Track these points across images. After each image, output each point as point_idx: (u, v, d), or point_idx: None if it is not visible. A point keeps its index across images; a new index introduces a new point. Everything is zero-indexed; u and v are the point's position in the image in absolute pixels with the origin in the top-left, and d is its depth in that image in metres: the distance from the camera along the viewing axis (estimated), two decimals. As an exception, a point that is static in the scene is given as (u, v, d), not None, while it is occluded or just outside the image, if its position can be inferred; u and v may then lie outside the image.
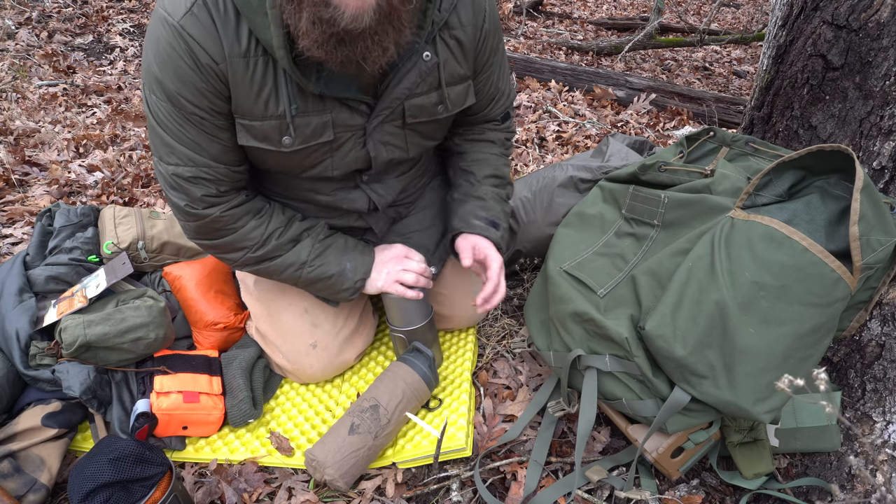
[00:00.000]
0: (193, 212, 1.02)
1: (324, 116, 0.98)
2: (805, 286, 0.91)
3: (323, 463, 1.06)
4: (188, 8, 0.85)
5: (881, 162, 1.15)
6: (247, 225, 1.07)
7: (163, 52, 0.88)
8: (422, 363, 1.24)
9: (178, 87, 0.90)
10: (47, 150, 2.25)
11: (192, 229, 1.06)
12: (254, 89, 0.92)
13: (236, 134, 0.98)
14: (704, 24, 4.47)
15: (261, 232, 1.09)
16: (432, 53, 0.99)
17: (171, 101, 0.91)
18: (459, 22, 1.01)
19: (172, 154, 0.97)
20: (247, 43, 0.88)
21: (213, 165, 0.99)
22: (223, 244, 1.08)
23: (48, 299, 1.29)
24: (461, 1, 1.00)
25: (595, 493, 1.11)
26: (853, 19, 1.20)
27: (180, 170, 0.98)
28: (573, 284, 1.14)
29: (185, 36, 0.86)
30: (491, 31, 1.07)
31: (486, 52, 1.09)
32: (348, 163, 1.08)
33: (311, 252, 1.14)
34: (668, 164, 1.21)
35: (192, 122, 0.93)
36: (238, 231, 1.07)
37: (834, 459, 1.07)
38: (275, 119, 0.96)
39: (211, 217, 1.03)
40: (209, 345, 1.34)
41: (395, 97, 1.00)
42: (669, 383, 0.99)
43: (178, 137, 0.95)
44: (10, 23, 3.45)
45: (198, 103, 0.92)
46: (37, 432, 1.09)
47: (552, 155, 2.54)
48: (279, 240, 1.11)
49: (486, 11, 1.04)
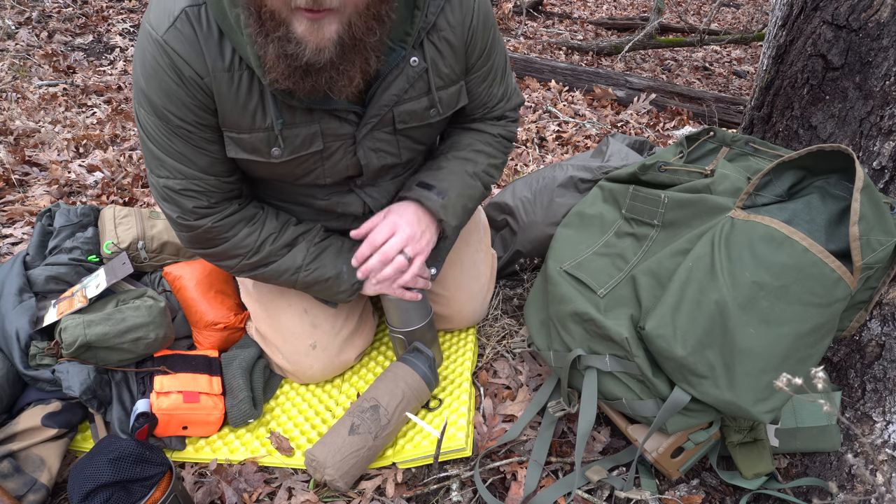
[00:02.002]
0: (185, 223, 1.02)
1: (312, 127, 0.98)
2: (805, 286, 0.91)
3: (323, 463, 1.06)
4: (171, 23, 0.85)
5: (881, 162, 1.15)
6: (240, 233, 1.07)
7: (148, 67, 0.88)
8: (422, 363, 1.24)
9: (164, 102, 0.90)
10: (47, 150, 2.25)
11: (186, 239, 1.06)
12: (240, 102, 0.92)
13: (225, 146, 0.98)
14: (704, 24, 4.47)
15: (254, 239, 1.08)
16: (420, 59, 0.99)
17: (157, 116, 0.92)
18: (448, 23, 1.00)
19: (163, 167, 0.97)
20: (230, 58, 0.88)
21: (202, 177, 0.98)
22: (218, 252, 1.08)
23: (48, 299, 1.29)
24: (450, 3, 0.99)
25: (595, 493, 1.11)
26: (853, 19, 1.20)
27: (171, 182, 0.98)
28: (573, 284, 1.14)
29: (168, 51, 0.86)
30: (480, 30, 1.05)
31: (476, 51, 1.07)
32: (339, 171, 1.07)
33: (306, 256, 1.13)
34: (668, 164, 1.21)
35: (179, 135, 0.94)
36: (231, 240, 1.07)
37: (834, 459, 1.07)
38: (262, 131, 0.96)
39: (203, 227, 1.03)
40: (209, 345, 1.34)
41: (383, 104, 1.00)
42: (669, 383, 0.99)
43: (166, 151, 0.95)
44: (10, 23, 3.45)
45: (184, 117, 0.92)
46: (37, 432, 1.09)
47: (552, 155, 2.54)
48: (273, 245, 1.10)
49: (475, 11, 1.03)
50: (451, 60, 1.03)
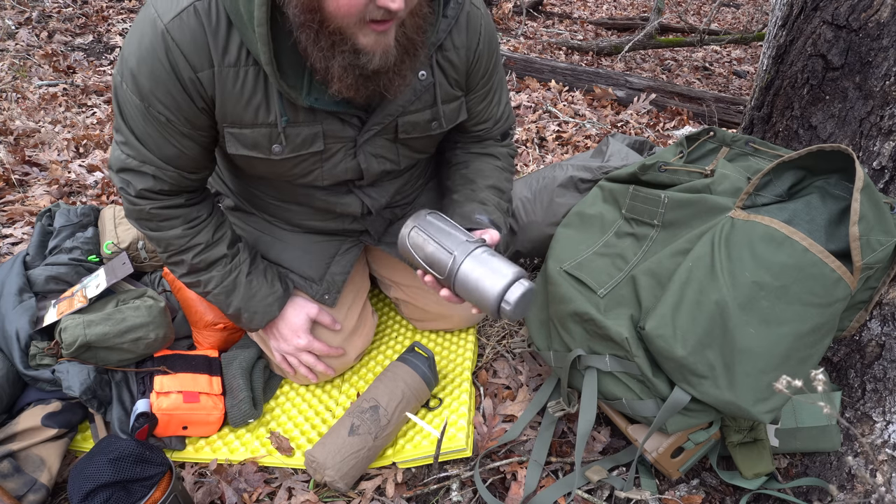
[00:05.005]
0: (128, 197, 1.01)
1: (314, 127, 0.98)
2: (805, 286, 0.91)
3: (323, 464, 1.06)
4: (178, 12, 0.85)
5: (881, 162, 1.15)
6: (173, 230, 1.06)
7: (144, 50, 0.87)
8: (422, 363, 1.24)
9: (151, 87, 0.89)
10: (47, 150, 2.25)
11: (125, 209, 1.06)
12: (244, 98, 0.92)
13: (224, 143, 0.98)
14: (704, 24, 4.47)
15: (183, 243, 1.07)
16: (428, 73, 1.01)
17: (140, 98, 0.91)
18: (453, 44, 1.02)
19: (127, 145, 0.96)
20: (236, 53, 0.88)
21: (163, 167, 0.98)
22: (150, 236, 1.07)
23: (48, 299, 1.29)
24: (457, 25, 1.01)
25: (595, 493, 1.11)
26: (853, 19, 1.20)
27: (130, 161, 0.97)
28: (573, 284, 1.14)
29: (167, 40, 0.85)
30: (485, 53, 1.07)
31: (479, 73, 1.09)
32: (338, 173, 1.07)
33: (218, 284, 1.12)
34: (668, 164, 1.21)
35: (156, 121, 0.93)
36: (163, 231, 1.05)
37: (834, 459, 1.07)
38: (265, 127, 0.96)
39: (141, 208, 1.02)
40: (209, 345, 1.34)
41: (388, 114, 1.01)
42: (669, 383, 0.99)
43: (137, 132, 0.94)
44: (10, 23, 3.45)
45: (167, 104, 0.91)
46: (37, 432, 1.08)
47: (552, 155, 2.53)
48: (197, 258, 1.09)
49: (481, 35, 1.05)
50: (453, 80, 1.06)
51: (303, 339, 1.23)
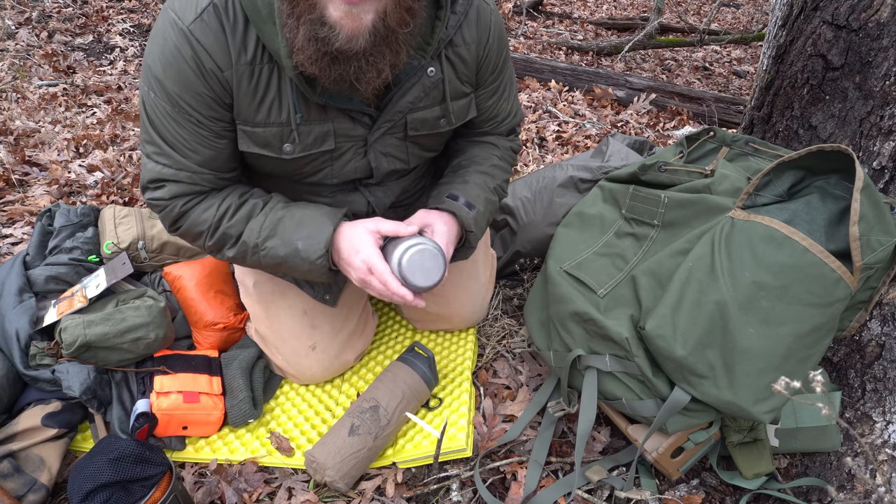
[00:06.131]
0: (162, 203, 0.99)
1: (325, 126, 0.98)
2: (805, 286, 0.91)
3: (323, 465, 1.06)
4: (198, 13, 0.86)
5: (881, 162, 1.15)
6: (196, 207, 1.01)
7: (168, 55, 0.88)
8: (422, 363, 1.24)
9: (179, 91, 0.90)
10: (47, 150, 2.25)
11: (166, 228, 1.04)
12: (258, 96, 0.92)
13: (237, 140, 0.98)
14: (704, 24, 4.47)
15: (211, 213, 1.01)
16: (437, 69, 1.00)
17: (170, 103, 0.91)
18: (463, 40, 1.01)
19: (161, 154, 0.96)
20: (253, 50, 0.89)
21: (198, 171, 0.97)
22: (183, 232, 1.04)
23: (48, 299, 1.29)
24: (466, 20, 1.00)
25: (595, 493, 1.11)
26: (853, 19, 1.20)
27: (165, 171, 0.96)
28: (573, 284, 1.14)
29: (192, 42, 0.86)
30: (495, 48, 1.07)
31: (489, 68, 1.08)
32: (348, 172, 1.07)
33: (260, 232, 1.01)
34: (668, 164, 1.21)
35: (188, 125, 0.93)
36: (190, 215, 1.01)
37: (834, 459, 1.07)
38: (276, 126, 0.96)
39: (170, 207, 1.00)
40: (209, 345, 1.34)
41: (398, 110, 1.01)
42: (669, 383, 0.99)
43: (170, 138, 0.94)
44: (10, 23, 3.45)
45: (197, 107, 0.92)
46: (37, 432, 1.09)
47: (552, 155, 2.54)
48: (231, 220, 1.01)
49: (491, 30, 1.05)
50: (463, 76, 1.05)
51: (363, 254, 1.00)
